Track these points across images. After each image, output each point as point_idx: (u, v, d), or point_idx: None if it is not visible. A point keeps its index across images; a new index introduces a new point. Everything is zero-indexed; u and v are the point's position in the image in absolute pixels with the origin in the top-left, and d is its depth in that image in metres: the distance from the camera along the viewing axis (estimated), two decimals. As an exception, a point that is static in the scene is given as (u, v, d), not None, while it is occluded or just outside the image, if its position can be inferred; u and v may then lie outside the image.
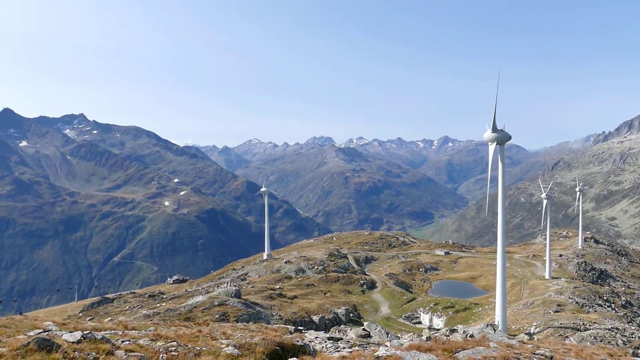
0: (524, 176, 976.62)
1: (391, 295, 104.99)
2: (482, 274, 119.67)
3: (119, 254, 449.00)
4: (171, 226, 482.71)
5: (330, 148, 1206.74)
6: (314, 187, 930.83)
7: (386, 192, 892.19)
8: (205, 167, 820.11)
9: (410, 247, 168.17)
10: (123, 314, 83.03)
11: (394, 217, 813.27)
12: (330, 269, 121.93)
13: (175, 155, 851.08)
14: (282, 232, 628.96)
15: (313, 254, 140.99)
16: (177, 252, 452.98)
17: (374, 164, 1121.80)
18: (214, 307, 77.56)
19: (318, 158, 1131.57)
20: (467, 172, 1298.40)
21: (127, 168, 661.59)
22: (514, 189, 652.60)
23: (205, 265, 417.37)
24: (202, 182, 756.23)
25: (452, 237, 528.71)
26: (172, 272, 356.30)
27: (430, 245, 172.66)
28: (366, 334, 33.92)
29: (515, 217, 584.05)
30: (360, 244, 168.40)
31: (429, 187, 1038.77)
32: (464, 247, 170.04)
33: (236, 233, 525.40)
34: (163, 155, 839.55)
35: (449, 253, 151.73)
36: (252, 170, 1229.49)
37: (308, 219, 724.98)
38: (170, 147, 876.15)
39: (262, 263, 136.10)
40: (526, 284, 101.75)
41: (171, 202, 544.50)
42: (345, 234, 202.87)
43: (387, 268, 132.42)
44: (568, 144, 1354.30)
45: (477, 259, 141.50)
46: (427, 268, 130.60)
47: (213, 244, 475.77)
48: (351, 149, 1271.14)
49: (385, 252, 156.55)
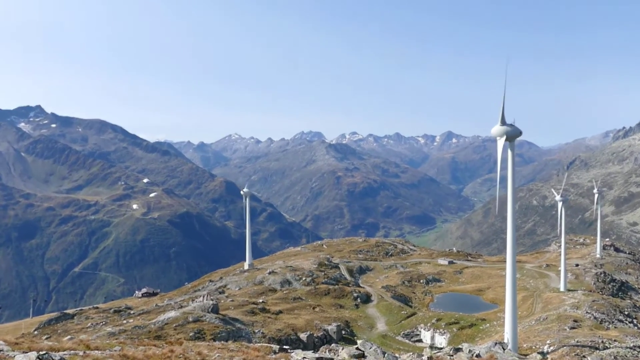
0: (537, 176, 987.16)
1: (388, 310, 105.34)
2: (490, 286, 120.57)
3: (80, 263, 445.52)
4: (140, 232, 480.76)
5: (320, 144, 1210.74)
6: (302, 188, 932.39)
7: (383, 194, 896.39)
8: (178, 165, 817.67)
9: (409, 256, 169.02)
10: (85, 331, 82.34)
11: (392, 222, 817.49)
12: (320, 281, 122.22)
13: (145, 152, 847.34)
14: (266, 239, 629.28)
15: (300, 263, 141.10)
16: (147, 261, 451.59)
17: (369, 162, 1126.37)
18: (189, 324, 77.31)
19: (306, 155, 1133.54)
20: (473, 172, 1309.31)
21: (90, 166, 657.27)
22: (525, 191, 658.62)
23: (178, 277, 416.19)
24: (175, 182, 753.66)
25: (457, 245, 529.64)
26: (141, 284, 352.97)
27: (432, 254, 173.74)
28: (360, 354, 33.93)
29: (527, 222, 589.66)
30: (353, 252, 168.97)
31: (431, 188, 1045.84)
32: (469, 256, 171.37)
33: (214, 240, 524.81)
34: (131, 152, 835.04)
35: (453, 262, 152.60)
36: (232, 169, 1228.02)
37: (295, 224, 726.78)
38: (139, 143, 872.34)
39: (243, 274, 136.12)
40: (539, 297, 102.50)
41: (140, 205, 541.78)
42: (336, 241, 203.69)
43: (384, 279, 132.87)
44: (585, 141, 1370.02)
45: (484, 269, 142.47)
46: (429, 279, 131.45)
47: (187, 252, 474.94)
48: (343, 146, 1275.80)
49: (381, 261, 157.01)
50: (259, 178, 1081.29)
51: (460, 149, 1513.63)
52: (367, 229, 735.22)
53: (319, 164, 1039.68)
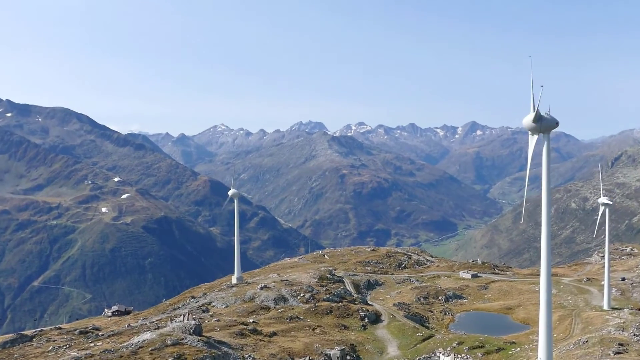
0: (576, 174, 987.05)
1: (401, 332, 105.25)
2: (521, 304, 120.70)
3: (40, 277, 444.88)
4: (110, 240, 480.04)
5: (322, 137, 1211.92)
6: (300, 189, 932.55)
7: (395, 195, 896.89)
8: (155, 161, 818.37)
9: (426, 268, 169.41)
10: (45, 356, 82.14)
11: (406, 228, 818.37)
12: (321, 297, 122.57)
13: (116, 146, 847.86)
14: (258, 248, 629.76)
15: (298, 276, 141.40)
16: (118, 274, 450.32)
17: (379, 158, 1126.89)
18: (167, 348, 76.99)
19: (305, 150, 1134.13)
20: (501, 169, 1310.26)
21: (52, 163, 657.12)
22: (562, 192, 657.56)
23: (154, 292, 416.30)
24: (151, 181, 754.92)
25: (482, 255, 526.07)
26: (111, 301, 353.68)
27: (453, 266, 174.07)
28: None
29: (565, 228, 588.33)
30: (360, 264, 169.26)
31: (452, 188, 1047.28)
32: (497, 268, 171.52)
33: (196, 249, 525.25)
34: (100, 145, 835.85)
35: (478, 276, 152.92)
36: (217, 165, 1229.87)
37: (292, 230, 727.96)
38: (109, 136, 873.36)
39: (230, 289, 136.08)
40: (578, 317, 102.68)
41: (110, 207, 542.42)
42: (340, 251, 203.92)
43: (396, 296, 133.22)
44: (632, 133, 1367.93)
45: (514, 283, 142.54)
46: (449, 296, 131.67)
47: (165, 263, 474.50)
48: (349, 138, 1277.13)
49: (393, 274, 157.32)
50: (249, 176, 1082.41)
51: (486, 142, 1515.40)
52: (377, 237, 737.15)
53: (320, 160, 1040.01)
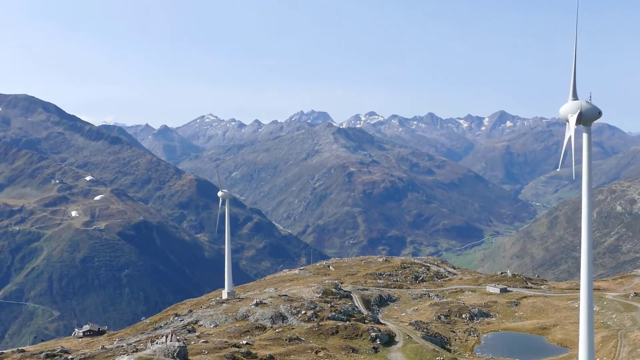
0: (621, 172, 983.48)
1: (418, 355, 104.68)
2: (558, 323, 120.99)
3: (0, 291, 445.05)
4: (81, 248, 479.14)
5: (326, 129, 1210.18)
6: (301, 189, 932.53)
7: (411, 197, 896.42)
8: (133, 157, 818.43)
9: (448, 282, 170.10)
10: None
11: (424, 234, 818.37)
12: (325, 315, 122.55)
13: (88, 139, 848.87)
14: (252, 258, 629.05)
15: (299, 291, 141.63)
16: (90, 288, 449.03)
17: (392, 154, 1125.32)
18: (147, 374, 75.84)
19: (307, 144, 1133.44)
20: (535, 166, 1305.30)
21: (14, 159, 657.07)
22: (606, 193, 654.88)
23: (132, 309, 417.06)
24: (128, 180, 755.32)
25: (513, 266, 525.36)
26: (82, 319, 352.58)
27: (479, 279, 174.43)
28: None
29: (609, 235, 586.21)
30: (371, 277, 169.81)
31: (477, 188, 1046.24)
32: (529, 282, 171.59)
33: (181, 259, 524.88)
34: (69, 139, 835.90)
35: (507, 290, 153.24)
36: (205, 162, 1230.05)
37: (291, 237, 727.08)
38: (80, 128, 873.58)
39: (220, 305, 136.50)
40: (625, 338, 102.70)
41: (81, 211, 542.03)
42: (348, 261, 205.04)
43: (413, 313, 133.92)
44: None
45: (549, 299, 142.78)
46: (474, 313, 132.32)
47: (145, 275, 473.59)
48: (357, 131, 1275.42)
49: (409, 288, 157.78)
50: (242, 175, 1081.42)
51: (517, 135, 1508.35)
52: (390, 245, 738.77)
53: (324, 156, 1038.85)
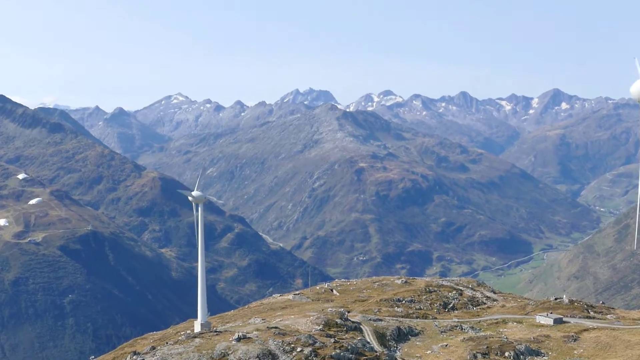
0: None
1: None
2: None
3: None
4: (11, 267, 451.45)
5: (329, 112, 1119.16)
6: (296, 190, 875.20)
7: (438, 200, 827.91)
8: (79, 149, 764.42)
9: (486, 310, 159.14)
10: None
11: (455, 249, 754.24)
12: (328, 353, 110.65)
13: (21, 126, 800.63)
14: (233, 280, 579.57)
15: (293, 322, 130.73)
16: (23, 318, 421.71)
17: (414, 144, 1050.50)
18: None
19: (304, 132, 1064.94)
20: (599, 161, 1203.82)
21: None
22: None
23: (77, 345, 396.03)
24: (73, 179, 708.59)
25: (570, 290, 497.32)
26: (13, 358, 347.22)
27: (526, 306, 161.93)
28: None
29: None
30: (386, 304, 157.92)
31: (523, 189, 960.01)
32: (592, 310, 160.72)
33: (141, 281, 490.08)
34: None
35: (564, 321, 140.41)
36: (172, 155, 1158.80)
37: (283, 252, 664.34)
38: (10, 112, 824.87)
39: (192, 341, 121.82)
40: None
41: (12, 218, 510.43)
42: (357, 283, 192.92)
43: (441, 351, 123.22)
44: None
45: (618, 332, 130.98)
46: (521, 351, 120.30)
47: (94, 302, 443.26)
48: (369, 115, 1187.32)
49: (436, 318, 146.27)
50: (220, 172, 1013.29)
51: (576, 120, 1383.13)
52: (411, 262, 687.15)
53: (325, 148, 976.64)
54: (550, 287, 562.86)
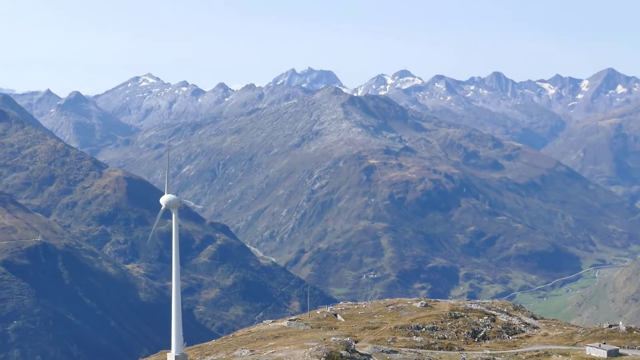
0: None
1: None
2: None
3: None
4: None
5: (332, 97, 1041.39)
6: (292, 193, 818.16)
7: (465, 205, 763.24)
8: (27, 142, 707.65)
9: (525, 340, 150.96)
10: None
11: (487, 264, 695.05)
12: None
13: None
14: (215, 302, 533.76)
15: (289, 354, 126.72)
16: None
17: (436, 137, 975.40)
18: None
19: (302, 121, 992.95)
20: None
21: None
22: None
23: None
24: (20, 179, 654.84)
25: (628, 316, 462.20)
26: None
27: (574, 335, 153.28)
28: None
29: None
30: (402, 332, 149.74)
31: (571, 192, 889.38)
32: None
33: (102, 304, 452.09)
34: None
35: (620, 354, 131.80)
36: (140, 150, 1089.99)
37: (277, 269, 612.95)
38: None
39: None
40: None
41: None
42: (366, 307, 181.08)
43: None
44: None
45: None
46: None
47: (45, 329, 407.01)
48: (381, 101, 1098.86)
49: (463, 350, 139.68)
50: (199, 170, 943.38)
51: (635, 107, 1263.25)
52: (432, 281, 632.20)
53: (328, 140, 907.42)
54: (604, 311, 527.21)
